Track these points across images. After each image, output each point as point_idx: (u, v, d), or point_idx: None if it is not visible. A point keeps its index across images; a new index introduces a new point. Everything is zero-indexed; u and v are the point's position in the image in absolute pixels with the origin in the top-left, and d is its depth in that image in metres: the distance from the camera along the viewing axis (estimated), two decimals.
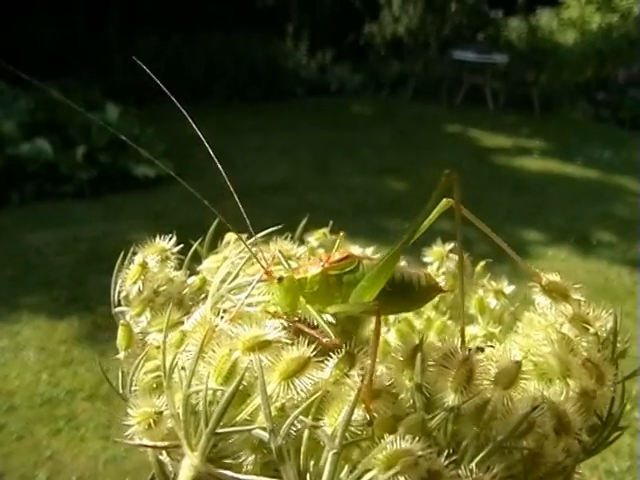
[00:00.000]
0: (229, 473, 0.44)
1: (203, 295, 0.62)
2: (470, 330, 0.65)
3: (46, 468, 2.61)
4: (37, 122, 5.84)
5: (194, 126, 0.57)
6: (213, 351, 0.47)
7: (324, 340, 0.51)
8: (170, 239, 0.64)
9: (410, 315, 0.69)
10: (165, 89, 0.56)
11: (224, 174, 0.55)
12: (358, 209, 5.40)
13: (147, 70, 0.59)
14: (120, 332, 0.59)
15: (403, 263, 0.64)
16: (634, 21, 10.92)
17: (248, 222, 0.57)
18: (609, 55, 10.66)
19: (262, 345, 0.46)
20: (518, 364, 0.47)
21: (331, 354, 0.48)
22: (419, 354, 0.47)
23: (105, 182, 5.65)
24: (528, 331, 0.55)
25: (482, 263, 0.75)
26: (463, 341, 0.55)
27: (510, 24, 12.05)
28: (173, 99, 0.56)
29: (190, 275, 0.67)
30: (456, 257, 0.72)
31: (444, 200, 0.57)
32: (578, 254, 4.90)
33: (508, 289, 0.71)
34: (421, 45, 11.50)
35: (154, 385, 0.53)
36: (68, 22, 9.32)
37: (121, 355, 0.59)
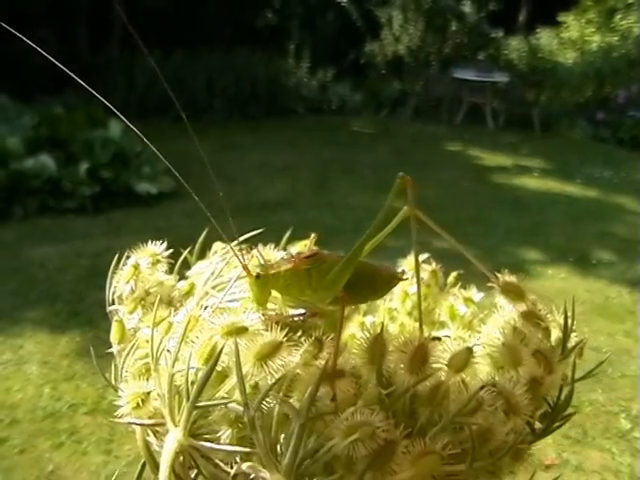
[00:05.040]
0: (208, 444, 0.49)
1: (191, 298, 0.68)
2: (441, 334, 0.71)
3: None
4: (41, 138, 5.92)
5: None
6: (196, 337, 0.53)
7: (309, 313, 0.60)
8: (161, 244, 0.70)
9: (385, 320, 0.75)
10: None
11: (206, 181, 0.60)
12: (357, 227, 5.42)
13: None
14: (114, 327, 0.65)
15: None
16: (634, 41, 11.02)
17: (234, 227, 0.62)
18: (609, 75, 10.73)
19: (239, 330, 0.52)
20: (469, 350, 0.53)
21: (302, 341, 0.53)
22: (380, 339, 0.53)
23: (107, 198, 5.72)
24: (488, 329, 0.60)
25: (454, 274, 0.81)
26: (421, 331, 0.61)
27: (510, 44, 12.18)
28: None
29: (180, 280, 0.73)
30: (429, 268, 0.78)
31: (404, 209, 0.64)
32: (578, 273, 4.92)
33: (477, 297, 0.76)
34: (421, 64, 11.62)
35: (143, 370, 0.59)
36: (71, 39, 9.44)
37: (114, 349, 0.65)
